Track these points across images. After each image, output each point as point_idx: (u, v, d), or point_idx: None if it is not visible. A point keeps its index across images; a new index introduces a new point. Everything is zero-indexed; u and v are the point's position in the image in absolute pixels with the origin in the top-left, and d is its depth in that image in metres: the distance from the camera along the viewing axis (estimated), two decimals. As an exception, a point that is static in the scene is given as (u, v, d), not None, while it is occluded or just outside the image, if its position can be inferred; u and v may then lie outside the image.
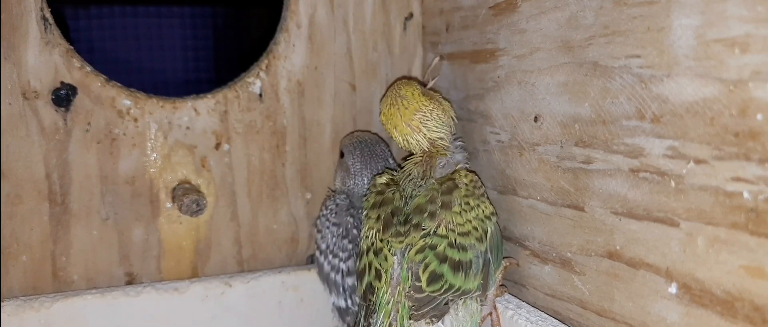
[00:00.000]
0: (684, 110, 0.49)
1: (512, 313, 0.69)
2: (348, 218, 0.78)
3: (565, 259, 0.65)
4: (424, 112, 0.69)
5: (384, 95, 0.75)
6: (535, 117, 0.68)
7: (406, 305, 0.63)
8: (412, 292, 0.63)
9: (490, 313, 0.71)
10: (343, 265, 0.77)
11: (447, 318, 0.65)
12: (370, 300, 0.66)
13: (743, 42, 0.44)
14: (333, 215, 0.79)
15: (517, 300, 0.72)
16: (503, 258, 0.73)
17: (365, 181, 0.80)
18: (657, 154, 0.52)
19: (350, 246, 0.77)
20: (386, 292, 0.64)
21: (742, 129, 0.44)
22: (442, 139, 0.70)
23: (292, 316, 0.86)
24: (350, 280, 0.76)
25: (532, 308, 0.69)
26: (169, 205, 0.83)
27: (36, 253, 0.79)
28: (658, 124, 0.51)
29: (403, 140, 0.71)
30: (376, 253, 0.66)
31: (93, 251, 0.81)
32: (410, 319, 0.63)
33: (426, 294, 0.63)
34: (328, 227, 0.79)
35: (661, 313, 0.53)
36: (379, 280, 0.65)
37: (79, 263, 0.81)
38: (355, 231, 0.77)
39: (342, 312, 0.77)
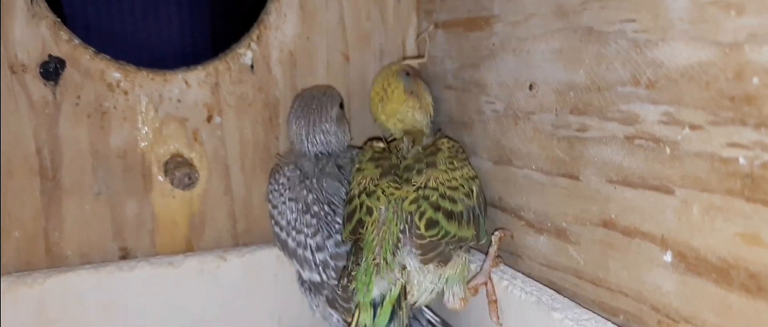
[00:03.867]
0: (679, 75, 0.48)
1: (507, 283, 0.68)
2: (304, 192, 0.76)
3: (560, 229, 0.64)
4: (404, 108, 0.78)
5: (374, 79, 0.82)
6: (530, 85, 0.66)
7: (390, 241, 0.66)
8: (415, 239, 0.65)
9: (485, 284, 0.70)
10: (310, 241, 0.75)
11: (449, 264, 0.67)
12: (360, 233, 0.68)
13: (739, 4, 0.43)
14: (286, 190, 0.77)
15: (512, 270, 0.71)
16: (498, 229, 0.73)
17: (303, 133, 0.79)
18: (652, 120, 0.51)
19: (314, 221, 0.75)
20: (371, 231, 0.67)
21: (737, 93, 0.43)
22: (416, 127, 0.78)
23: (287, 289, 0.86)
24: (321, 255, 0.75)
25: (527, 279, 0.69)
26: (161, 179, 0.82)
27: (28, 229, 0.78)
28: (653, 90, 0.50)
29: (383, 127, 0.79)
30: (368, 195, 0.69)
31: (86, 226, 0.81)
32: (420, 263, 0.65)
33: (427, 239, 0.65)
34: (284, 202, 0.77)
35: (656, 282, 0.53)
36: (370, 216, 0.67)
37: (72, 239, 0.80)
38: (315, 207, 0.76)
39: (317, 286, 0.76)
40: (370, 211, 0.67)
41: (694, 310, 0.49)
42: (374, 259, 0.66)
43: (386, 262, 0.65)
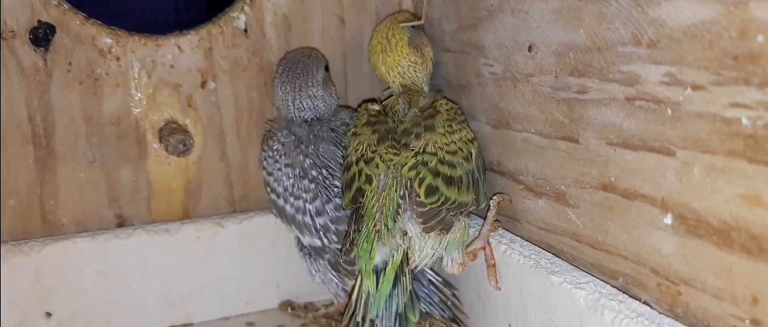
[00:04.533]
0: (681, 34, 0.47)
1: (505, 247, 0.68)
2: (301, 158, 0.75)
3: (559, 192, 0.64)
4: (406, 62, 0.75)
5: (376, 28, 0.78)
6: (529, 46, 0.65)
7: (391, 207, 0.65)
8: (416, 207, 0.65)
9: (484, 248, 0.70)
10: (309, 207, 0.75)
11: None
12: (360, 202, 0.67)
13: (745, -42, 0.41)
14: (281, 156, 0.76)
15: (511, 234, 0.71)
16: (496, 194, 0.72)
17: (289, 99, 0.77)
18: (653, 81, 0.50)
19: (312, 186, 0.75)
20: (371, 198, 0.66)
21: (741, 52, 0.42)
22: (415, 83, 0.75)
23: (286, 255, 0.85)
24: (321, 220, 0.75)
25: (526, 242, 0.69)
26: (156, 145, 0.82)
27: (23, 197, 0.78)
28: (654, 50, 0.49)
29: (382, 78, 0.77)
30: (366, 162, 0.68)
31: (81, 194, 0.80)
32: (422, 232, 0.65)
33: (428, 207, 0.64)
34: (279, 169, 0.76)
35: (655, 245, 0.52)
36: (370, 184, 0.67)
37: (67, 206, 0.80)
38: (313, 172, 0.75)
39: (318, 251, 0.76)
40: (369, 179, 0.67)
41: (695, 272, 0.49)
42: (375, 226, 0.65)
43: (387, 229, 0.65)
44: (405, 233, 0.65)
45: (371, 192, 0.66)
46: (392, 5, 0.88)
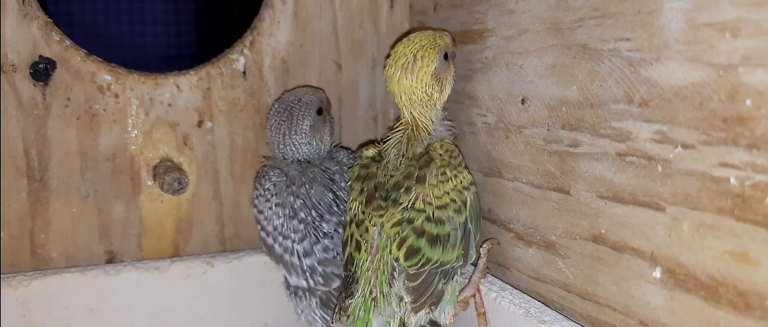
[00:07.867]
0: (673, 94, 0.49)
1: (495, 295, 0.69)
2: (291, 198, 0.75)
3: (549, 241, 0.65)
4: (420, 93, 0.67)
5: (409, 37, 0.69)
6: (523, 99, 0.67)
7: (386, 271, 0.64)
8: (407, 281, 0.63)
9: (474, 295, 0.71)
10: (297, 247, 0.75)
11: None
12: (350, 270, 0.67)
13: (734, 26, 0.43)
14: (272, 195, 0.76)
15: (501, 282, 0.72)
16: (486, 240, 0.73)
17: (275, 142, 0.78)
18: (644, 138, 0.52)
19: (301, 227, 0.75)
20: (366, 261, 0.65)
21: (730, 114, 0.44)
22: (424, 121, 0.68)
23: (275, 296, 0.85)
24: (309, 261, 0.74)
25: (516, 290, 0.69)
26: (150, 182, 0.82)
27: (14, 229, 0.78)
28: (646, 108, 0.51)
29: (396, 99, 0.69)
30: (357, 225, 0.67)
31: (72, 228, 0.80)
32: (411, 311, 0.64)
33: (415, 281, 0.63)
34: (270, 208, 0.76)
35: (644, 297, 0.53)
36: (359, 252, 0.66)
37: (58, 240, 0.79)
38: (302, 213, 0.75)
39: (304, 291, 0.76)
40: (358, 247, 0.66)
41: (683, 325, 0.50)
42: (371, 293, 0.65)
43: (383, 295, 0.64)
44: (401, 299, 0.64)
45: (364, 255, 0.65)
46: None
